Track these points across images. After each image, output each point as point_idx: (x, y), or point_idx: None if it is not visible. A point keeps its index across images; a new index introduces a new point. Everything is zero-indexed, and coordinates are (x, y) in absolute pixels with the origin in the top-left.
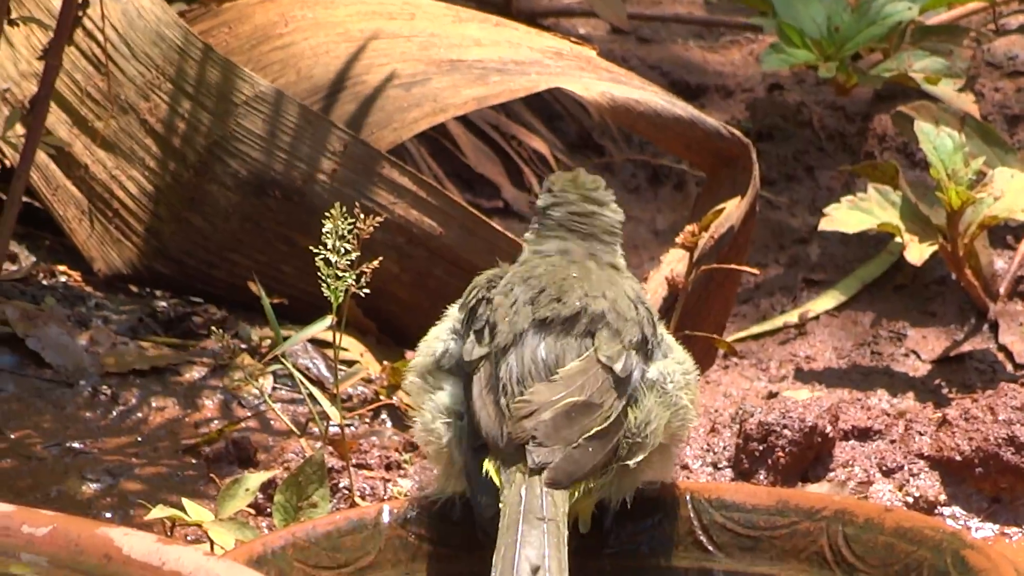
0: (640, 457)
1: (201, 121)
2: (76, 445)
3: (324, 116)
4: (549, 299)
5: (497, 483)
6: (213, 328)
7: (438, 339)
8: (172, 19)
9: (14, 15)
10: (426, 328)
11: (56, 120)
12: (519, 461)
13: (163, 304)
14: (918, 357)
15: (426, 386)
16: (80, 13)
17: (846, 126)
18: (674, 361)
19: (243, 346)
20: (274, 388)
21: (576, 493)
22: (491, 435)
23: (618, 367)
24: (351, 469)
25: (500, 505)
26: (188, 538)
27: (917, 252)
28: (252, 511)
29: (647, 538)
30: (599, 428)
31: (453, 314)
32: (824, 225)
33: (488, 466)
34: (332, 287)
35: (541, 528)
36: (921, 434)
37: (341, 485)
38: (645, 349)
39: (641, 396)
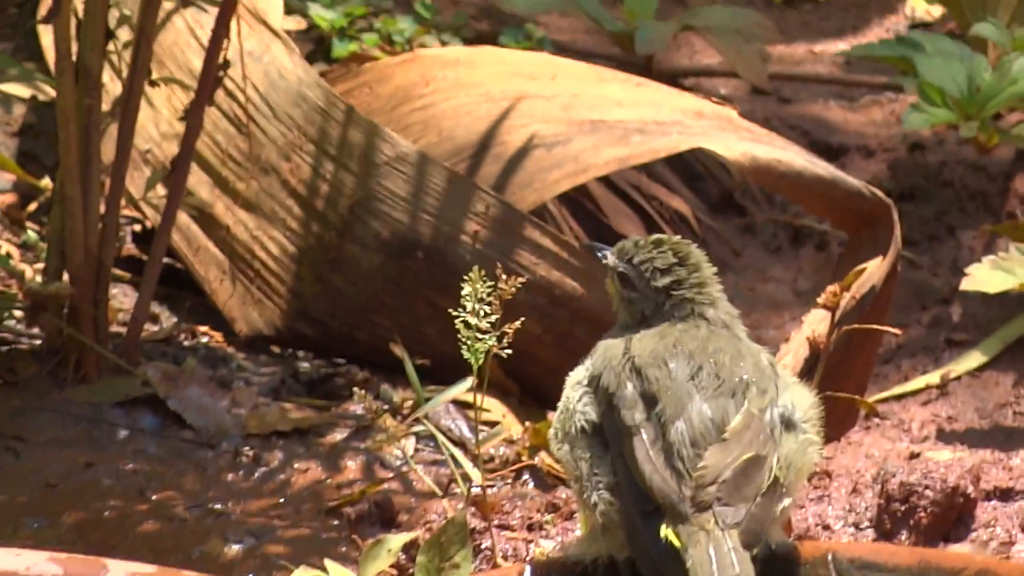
0: (788, 502)
1: (343, 182)
2: (218, 506)
3: (466, 177)
4: (710, 376)
5: (678, 546)
6: (355, 389)
7: (577, 408)
8: (313, 80)
9: (155, 76)
10: None
11: (197, 181)
12: (698, 523)
13: (305, 365)
14: None
15: (575, 452)
16: (221, 73)
17: (987, 185)
18: (799, 396)
19: (385, 407)
20: (416, 449)
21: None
22: (669, 499)
23: (767, 418)
24: (493, 530)
25: (688, 567)
26: None
27: None
28: (394, 572)
29: None
30: (768, 482)
31: (580, 378)
32: (966, 285)
33: (666, 531)
34: (473, 348)
35: None
36: None
37: (483, 546)
38: (777, 399)
39: (781, 439)
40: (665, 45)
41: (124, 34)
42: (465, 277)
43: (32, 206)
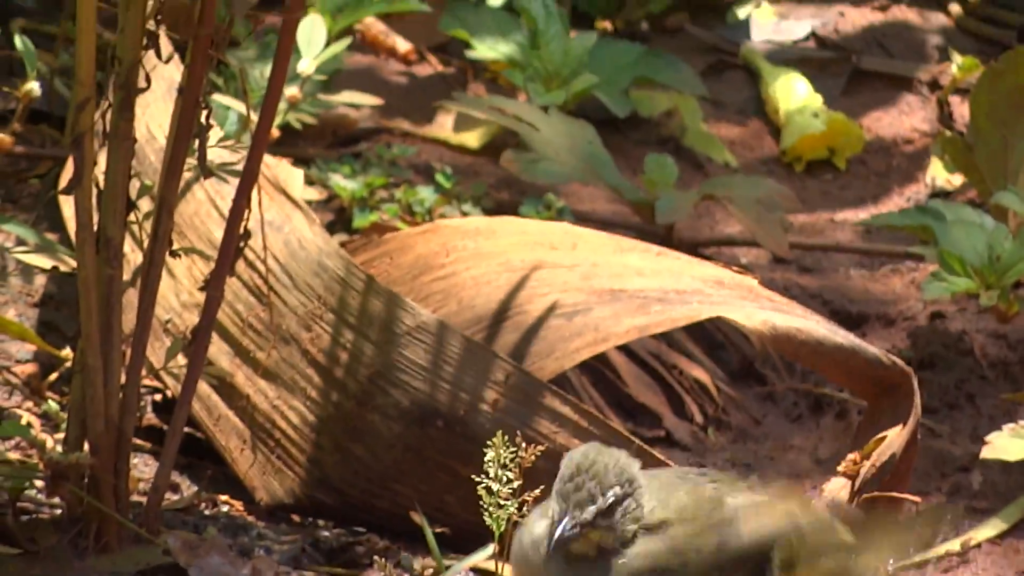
0: None
1: (363, 351)
2: None
3: (486, 346)
4: None
5: None
6: (376, 558)
7: None
8: (333, 249)
9: (176, 246)
10: None
11: (218, 351)
12: None
13: (326, 533)
14: None
15: None
16: (242, 244)
17: (1008, 354)
18: None
19: (406, 575)
20: None
21: None
22: None
23: None
24: None
25: None
26: None
27: None
28: None
29: None
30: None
31: None
32: (986, 453)
33: None
34: (494, 516)
35: None
36: None
37: None
38: None
39: None
40: (686, 215)
41: (145, 204)
42: (488, 443)
43: (53, 376)
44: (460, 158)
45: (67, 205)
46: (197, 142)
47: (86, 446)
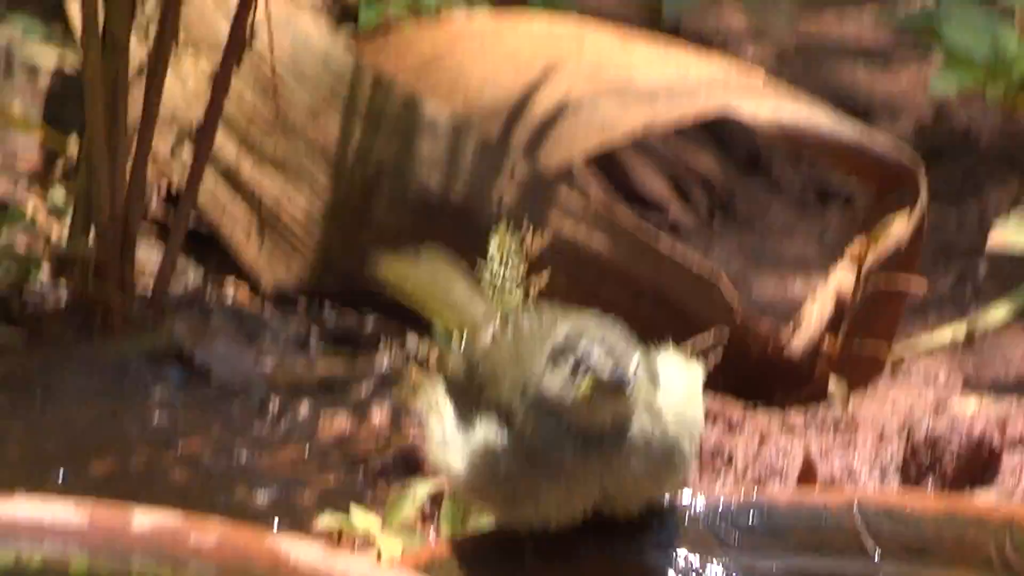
0: None
1: (371, 144)
2: (244, 457)
3: (494, 139)
4: None
5: None
6: (382, 342)
7: None
8: (340, 46)
9: (182, 39)
10: None
11: (223, 141)
12: None
13: (331, 318)
14: None
15: None
16: (248, 36)
17: (1014, 147)
18: None
19: (411, 359)
20: None
21: None
22: None
23: None
24: None
25: None
26: (356, 548)
27: None
28: (419, 519)
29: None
30: None
31: None
32: (992, 241)
33: None
34: (499, 303)
35: None
36: None
37: None
38: None
39: None
40: (694, 10)
41: (151, 1)
42: (493, 232)
43: (58, 166)
44: None
45: (73, 2)
46: None
47: (91, 232)
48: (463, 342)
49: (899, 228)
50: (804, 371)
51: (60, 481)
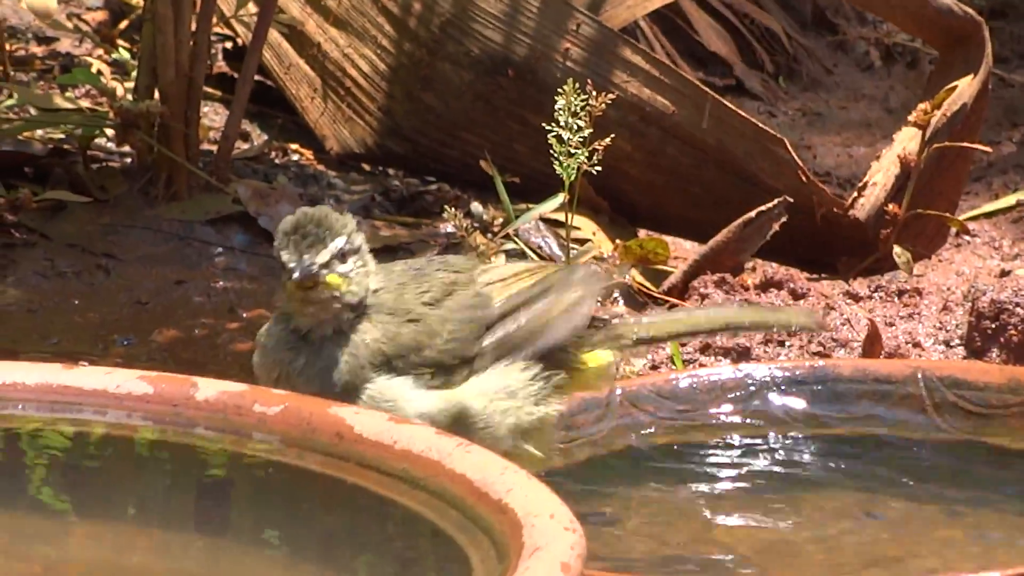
0: None
1: (433, 1)
2: None
3: None
4: None
5: None
6: (446, 207)
7: None
8: None
9: None
10: (659, 207)
11: None
12: None
13: (396, 183)
14: None
15: None
16: None
17: None
18: None
19: (476, 225)
20: None
21: None
22: None
23: None
24: None
25: None
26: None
27: None
28: None
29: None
30: None
31: None
32: None
33: None
34: (564, 164)
35: None
36: None
37: None
38: None
39: None
40: None
41: None
42: (558, 93)
43: (123, 24)
44: None
45: None
46: None
47: (156, 94)
48: None
49: (964, 91)
50: (869, 237)
51: (124, 348)
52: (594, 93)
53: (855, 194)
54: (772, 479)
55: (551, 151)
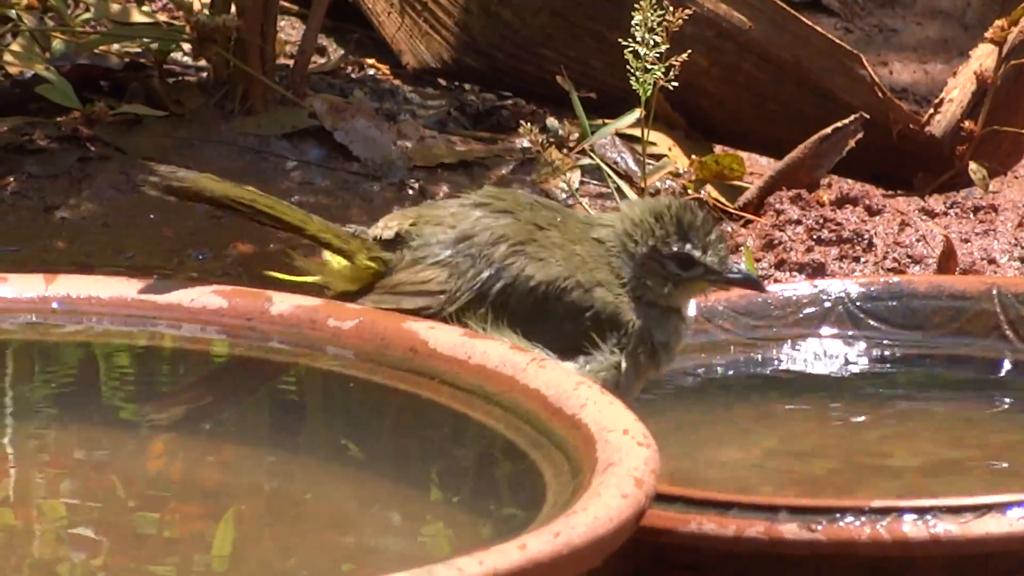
0: None
1: None
2: None
3: None
4: None
5: None
6: (522, 122)
7: None
8: None
9: None
10: (735, 123)
11: None
12: None
13: (472, 98)
14: None
15: None
16: None
17: None
18: None
19: (551, 140)
20: (582, 182)
21: None
22: None
23: None
24: None
25: None
26: None
27: None
28: None
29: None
30: None
31: None
32: None
33: None
34: (641, 80)
35: None
36: None
37: None
38: None
39: None
40: None
41: None
42: (634, 9)
43: None
44: None
45: None
46: None
47: (232, 8)
48: None
49: None
50: (945, 154)
51: (198, 262)
52: (671, 8)
53: (931, 111)
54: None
55: (627, 67)
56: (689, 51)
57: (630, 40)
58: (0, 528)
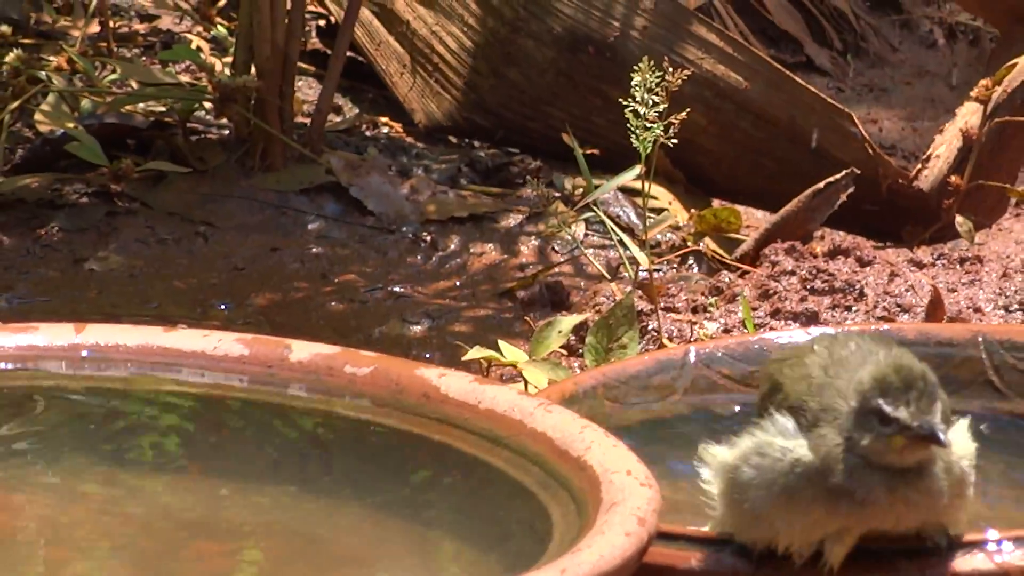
0: None
1: None
2: (398, 289)
3: None
4: None
5: None
6: (529, 177)
7: None
8: None
9: None
10: (732, 178)
11: None
12: None
13: (481, 154)
14: None
15: None
16: None
17: None
18: None
19: (557, 194)
20: (586, 235)
21: None
22: None
23: None
24: (659, 312)
25: None
26: (503, 378)
27: None
28: (564, 352)
29: None
30: None
31: None
32: None
33: None
34: (641, 138)
35: None
36: None
37: (649, 327)
38: None
39: None
40: None
41: None
42: (635, 69)
43: (221, 2)
44: None
45: None
46: None
47: (253, 70)
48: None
49: None
50: (932, 207)
51: (221, 312)
52: (670, 69)
53: (919, 166)
54: None
55: (629, 125)
56: (688, 110)
57: (630, 100)
58: (24, 564)
